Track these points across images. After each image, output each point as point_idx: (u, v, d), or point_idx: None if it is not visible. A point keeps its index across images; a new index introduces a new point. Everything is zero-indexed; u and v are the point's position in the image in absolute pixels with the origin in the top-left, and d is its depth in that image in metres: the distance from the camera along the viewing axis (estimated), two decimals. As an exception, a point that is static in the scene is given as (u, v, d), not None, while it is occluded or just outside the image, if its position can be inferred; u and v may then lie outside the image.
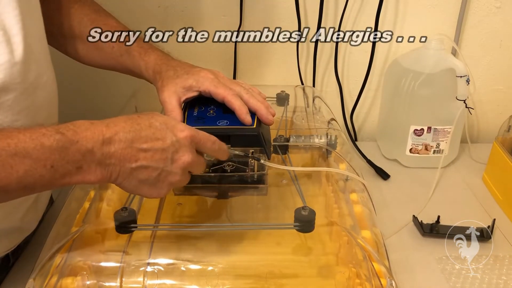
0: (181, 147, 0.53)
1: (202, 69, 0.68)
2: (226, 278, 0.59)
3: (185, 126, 0.55)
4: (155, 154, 0.52)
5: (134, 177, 0.52)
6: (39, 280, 0.56)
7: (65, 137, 0.48)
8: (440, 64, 0.92)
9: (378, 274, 0.58)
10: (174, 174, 0.54)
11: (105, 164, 0.50)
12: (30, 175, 0.46)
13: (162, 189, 0.54)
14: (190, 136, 0.54)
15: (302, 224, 0.59)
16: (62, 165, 0.48)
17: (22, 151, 0.45)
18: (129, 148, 0.51)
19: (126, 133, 0.51)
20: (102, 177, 0.51)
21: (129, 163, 0.51)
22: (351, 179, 0.74)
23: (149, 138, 0.52)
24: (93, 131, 0.49)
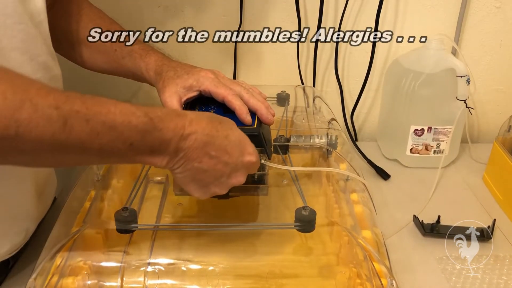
0: (242, 168, 0.57)
1: (202, 69, 0.68)
2: (226, 278, 0.59)
3: (254, 150, 0.58)
4: (218, 164, 0.55)
5: (191, 175, 0.55)
6: (39, 280, 0.56)
7: (151, 122, 0.50)
8: (441, 64, 0.92)
9: (378, 274, 0.58)
10: (223, 187, 0.57)
11: (174, 155, 0.53)
12: (110, 146, 0.48)
13: (206, 193, 0.58)
14: (254, 163, 0.58)
15: (302, 224, 0.59)
16: (140, 146, 0.50)
17: (110, 122, 0.47)
18: (199, 149, 0.53)
19: (204, 135, 0.53)
20: (167, 165, 0.53)
21: (192, 162, 0.54)
22: (351, 179, 0.74)
23: (220, 148, 0.54)
24: (176, 123, 0.52)
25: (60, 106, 0.44)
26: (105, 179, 0.74)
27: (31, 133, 0.43)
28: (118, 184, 0.74)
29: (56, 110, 0.44)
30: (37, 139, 0.43)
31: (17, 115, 0.42)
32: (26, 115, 0.42)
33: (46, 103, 0.44)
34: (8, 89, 0.42)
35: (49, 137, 0.44)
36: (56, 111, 0.44)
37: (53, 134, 0.44)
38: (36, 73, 0.59)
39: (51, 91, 0.45)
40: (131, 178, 0.74)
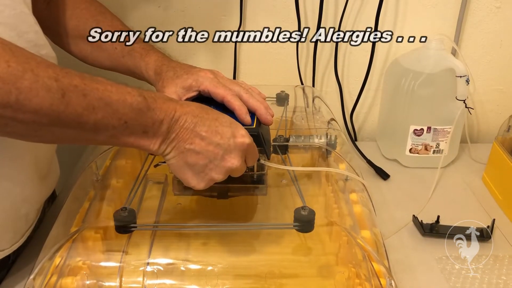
0: (235, 150, 0.56)
1: (201, 69, 0.68)
2: (225, 278, 0.59)
3: (246, 133, 0.58)
4: (209, 145, 0.55)
5: (183, 158, 0.55)
6: (38, 280, 0.57)
7: (145, 102, 0.52)
8: (440, 64, 0.92)
9: (377, 274, 0.58)
10: (218, 171, 0.57)
11: (166, 137, 0.54)
12: (105, 122, 0.49)
13: (203, 181, 0.57)
14: (247, 144, 0.57)
15: (301, 224, 0.59)
16: (133, 124, 0.51)
17: (107, 98, 0.49)
18: (190, 130, 0.54)
19: (194, 116, 0.55)
20: (159, 148, 0.54)
21: (184, 143, 0.55)
22: (351, 179, 0.74)
23: (210, 129, 0.55)
24: (168, 105, 0.54)
25: (60, 79, 0.46)
26: (105, 179, 0.74)
27: (31, 102, 0.44)
28: (117, 184, 0.74)
29: (56, 82, 0.46)
30: (36, 108, 0.45)
31: (19, 83, 0.44)
32: (27, 84, 0.44)
33: (46, 75, 0.46)
34: (11, 58, 0.44)
35: (48, 107, 0.46)
36: (56, 83, 0.46)
37: (51, 105, 0.46)
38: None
39: (50, 65, 0.47)
40: (130, 178, 0.74)
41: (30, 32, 0.60)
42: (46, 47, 0.64)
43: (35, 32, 0.61)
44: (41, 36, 0.62)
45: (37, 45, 0.61)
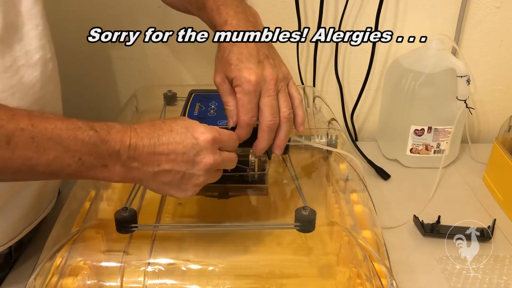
0: (202, 149, 0.54)
1: (250, 68, 0.59)
2: (226, 278, 0.59)
3: (206, 128, 0.55)
4: (176, 157, 0.53)
5: (158, 180, 0.54)
6: (39, 280, 0.56)
7: (97, 135, 0.50)
8: (441, 64, 0.92)
9: (378, 274, 0.58)
10: (197, 176, 0.55)
11: (128, 167, 0.52)
12: (58, 161, 0.49)
13: (188, 190, 0.56)
14: (212, 138, 0.55)
15: (302, 224, 0.59)
16: (90, 160, 0.50)
17: (57, 137, 0.48)
18: (151, 153, 0.53)
19: (149, 139, 0.53)
20: (125, 178, 0.53)
21: (151, 167, 0.53)
22: (351, 179, 0.74)
23: (169, 142, 0.53)
24: (122, 134, 0.52)
25: (4, 125, 0.46)
26: (105, 179, 0.74)
27: None
28: (118, 184, 0.74)
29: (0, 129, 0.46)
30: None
31: None
32: None
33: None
34: None
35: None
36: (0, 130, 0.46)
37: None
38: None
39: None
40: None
41: (11, 14, 0.59)
42: (27, 30, 0.63)
43: (17, 15, 0.60)
44: (25, 19, 0.61)
45: (15, 27, 0.60)
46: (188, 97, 0.73)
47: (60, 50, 0.74)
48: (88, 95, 1.11)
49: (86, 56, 1.06)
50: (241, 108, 0.59)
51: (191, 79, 1.10)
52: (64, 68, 0.78)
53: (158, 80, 1.09)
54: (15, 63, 0.60)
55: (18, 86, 0.60)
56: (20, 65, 0.60)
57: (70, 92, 1.05)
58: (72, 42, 1.02)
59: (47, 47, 0.65)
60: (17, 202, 0.66)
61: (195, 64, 1.08)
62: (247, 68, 0.59)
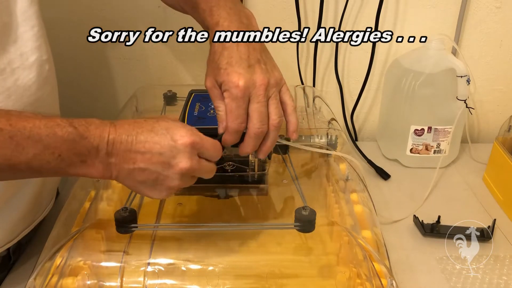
0: (179, 153, 0.53)
1: (237, 73, 0.58)
2: (226, 278, 0.59)
3: (187, 132, 0.54)
4: (152, 157, 0.53)
5: (132, 178, 0.54)
6: (39, 280, 0.56)
7: (76, 131, 0.51)
8: (441, 64, 0.92)
9: (378, 274, 0.58)
10: (171, 179, 0.54)
11: (107, 162, 0.52)
12: (38, 159, 0.49)
13: (162, 191, 0.55)
14: (190, 143, 0.53)
15: (302, 224, 0.59)
16: (69, 156, 0.51)
17: (35, 135, 0.49)
18: (128, 151, 0.52)
19: (127, 135, 0.53)
20: (104, 174, 0.53)
21: (127, 164, 0.53)
22: (351, 179, 0.74)
23: (147, 142, 0.53)
24: (102, 129, 0.52)
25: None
26: (105, 179, 0.74)
27: None
28: (118, 184, 0.74)
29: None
30: None
31: None
32: None
33: None
34: None
35: None
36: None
37: None
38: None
39: None
40: (131, 178, 0.74)
41: (4, 16, 0.59)
42: (21, 32, 0.63)
43: (8, 15, 0.60)
44: (18, 20, 0.61)
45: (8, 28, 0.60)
46: (188, 97, 0.73)
47: (59, 50, 0.74)
48: (88, 95, 1.11)
49: (86, 56, 1.06)
50: (229, 114, 0.57)
51: (191, 79, 1.10)
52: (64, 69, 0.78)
53: (158, 80, 1.09)
54: (10, 65, 0.59)
55: (13, 88, 0.60)
56: (15, 67, 0.60)
57: (70, 92, 1.05)
58: (72, 42, 1.02)
59: (43, 49, 0.64)
60: (15, 204, 0.66)
61: (195, 64, 1.08)
62: (236, 72, 0.57)
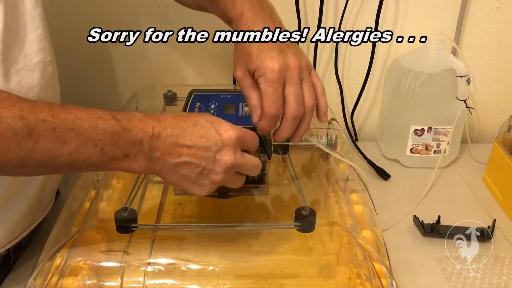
0: (224, 146, 0.54)
1: (270, 60, 0.58)
2: (226, 278, 0.59)
3: (230, 126, 0.55)
4: (198, 151, 0.53)
5: (177, 172, 0.54)
6: (39, 280, 0.56)
7: (119, 124, 0.50)
8: (441, 64, 0.92)
9: (378, 274, 0.58)
10: (216, 173, 0.54)
11: (150, 157, 0.52)
12: (80, 151, 0.49)
13: (205, 186, 0.55)
14: (236, 136, 0.54)
15: (302, 224, 0.59)
16: (112, 149, 0.50)
17: (78, 127, 0.48)
18: (174, 144, 0.52)
19: (173, 129, 0.52)
20: (147, 168, 0.53)
21: (172, 158, 0.52)
22: (351, 179, 0.74)
23: (193, 136, 0.53)
24: (145, 123, 0.52)
25: (25, 117, 0.46)
26: (105, 179, 0.74)
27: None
28: (118, 184, 0.74)
29: (21, 120, 0.46)
30: (4, 150, 0.46)
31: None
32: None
33: (11, 115, 0.46)
34: None
35: (15, 147, 0.46)
36: (21, 121, 0.46)
37: (18, 144, 0.46)
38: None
39: (17, 102, 0.47)
40: (131, 178, 0.74)
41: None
42: (43, 54, 0.64)
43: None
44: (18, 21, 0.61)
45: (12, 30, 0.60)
46: (188, 97, 0.74)
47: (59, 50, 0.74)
48: (88, 95, 1.11)
49: (86, 56, 1.06)
50: (266, 99, 0.57)
51: (191, 79, 1.10)
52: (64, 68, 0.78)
53: (158, 80, 1.09)
54: (13, 66, 0.59)
55: (17, 89, 0.59)
56: (18, 68, 0.60)
57: (70, 92, 1.05)
58: (72, 42, 1.02)
59: (47, 50, 0.65)
60: (15, 205, 0.66)
61: (195, 64, 1.08)
62: (269, 57, 0.58)
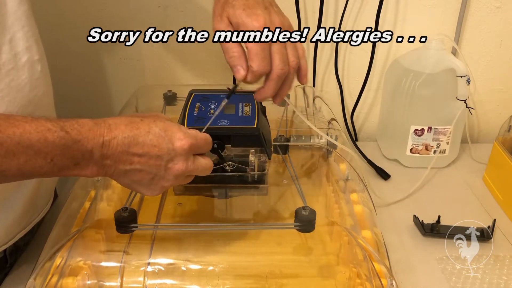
0: (176, 156, 0.54)
1: (256, 16, 0.59)
2: (226, 278, 0.59)
3: (184, 134, 0.55)
4: (149, 159, 0.53)
5: (128, 177, 0.54)
6: (39, 280, 0.56)
7: (68, 136, 0.50)
8: (441, 64, 0.92)
9: (378, 274, 0.58)
10: (166, 180, 0.55)
11: (101, 164, 0.52)
12: (29, 164, 0.48)
13: (155, 190, 0.56)
14: (189, 145, 0.54)
15: (302, 224, 0.59)
16: (61, 160, 0.50)
17: (26, 141, 0.48)
18: (125, 152, 0.52)
19: (124, 137, 0.52)
20: (98, 174, 0.53)
21: (123, 165, 0.53)
22: (351, 179, 0.74)
23: (145, 144, 0.53)
24: (95, 132, 0.51)
25: None
26: (105, 179, 0.74)
27: None
28: (118, 184, 0.74)
29: None
30: None
31: None
32: None
33: None
34: None
35: None
36: None
37: None
38: None
39: None
40: (131, 178, 0.74)
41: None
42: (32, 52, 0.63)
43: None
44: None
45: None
46: (188, 97, 0.74)
47: (59, 50, 0.74)
48: (88, 95, 1.11)
49: (86, 56, 1.06)
50: (254, 57, 0.57)
51: (191, 79, 1.10)
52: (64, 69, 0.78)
53: (158, 80, 1.09)
54: (4, 67, 0.59)
55: (6, 90, 0.59)
56: (9, 69, 0.59)
57: (70, 92, 1.05)
58: (72, 42, 1.02)
59: (34, 49, 0.64)
60: (10, 205, 0.66)
61: (195, 64, 1.08)
62: (255, 14, 0.58)
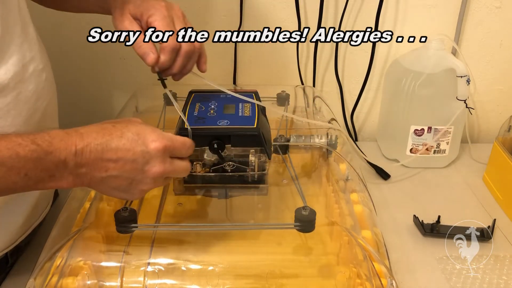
0: (152, 158, 0.54)
1: (158, 1, 0.66)
2: (226, 278, 0.59)
3: (158, 136, 0.54)
4: (125, 164, 0.53)
5: (105, 185, 0.54)
6: (39, 280, 0.56)
7: (40, 148, 0.49)
8: (441, 64, 0.92)
9: (378, 274, 0.58)
10: (145, 183, 0.55)
11: (76, 173, 0.52)
12: (3, 181, 0.48)
13: (134, 194, 0.56)
14: (163, 147, 0.54)
15: (302, 224, 0.59)
16: (36, 173, 0.49)
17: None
18: (99, 159, 0.52)
19: (97, 144, 0.52)
20: (75, 184, 0.53)
21: (99, 173, 0.52)
22: (351, 179, 0.74)
23: (119, 149, 0.52)
24: (66, 142, 0.51)
25: None
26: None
27: None
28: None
29: None
30: None
31: None
32: None
33: None
34: None
35: None
36: None
37: None
38: None
39: None
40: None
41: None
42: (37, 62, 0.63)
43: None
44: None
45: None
46: (188, 97, 0.74)
47: (59, 50, 0.74)
48: (88, 95, 1.11)
49: (86, 57, 1.06)
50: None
51: (191, 79, 1.10)
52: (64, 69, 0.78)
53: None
54: (13, 79, 0.57)
55: (13, 103, 0.58)
56: (16, 82, 0.58)
57: (69, 93, 1.05)
58: (72, 42, 1.02)
59: (38, 58, 0.63)
60: (13, 210, 0.66)
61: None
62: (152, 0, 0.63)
